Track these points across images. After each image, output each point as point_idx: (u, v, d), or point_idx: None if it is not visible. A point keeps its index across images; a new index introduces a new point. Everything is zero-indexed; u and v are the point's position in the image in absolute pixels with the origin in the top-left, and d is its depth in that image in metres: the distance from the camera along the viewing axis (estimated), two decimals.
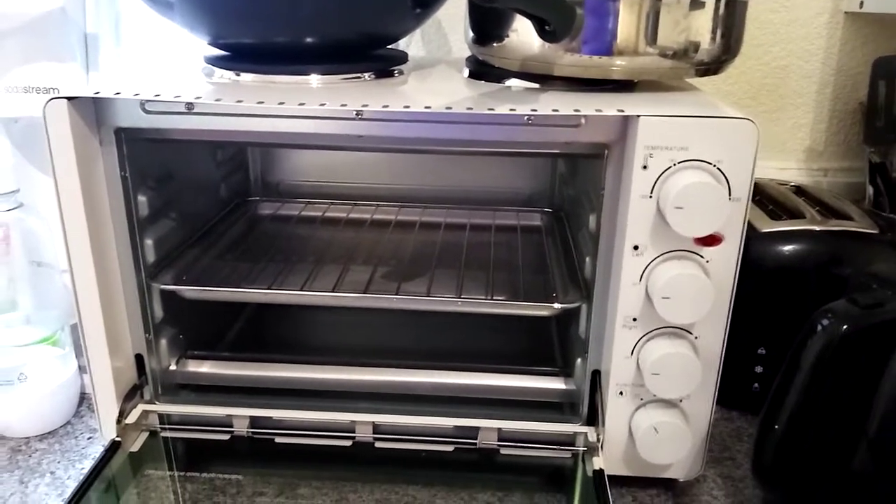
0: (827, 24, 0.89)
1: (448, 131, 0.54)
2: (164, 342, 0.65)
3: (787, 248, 0.69)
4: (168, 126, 0.56)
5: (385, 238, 0.81)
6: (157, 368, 0.64)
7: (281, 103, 0.52)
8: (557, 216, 0.86)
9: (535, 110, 0.51)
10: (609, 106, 0.52)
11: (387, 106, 0.51)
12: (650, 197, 0.51)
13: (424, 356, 0.69)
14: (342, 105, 0.51)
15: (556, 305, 0.63)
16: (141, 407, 0.63)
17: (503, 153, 0.68)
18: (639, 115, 0.50)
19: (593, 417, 0.61)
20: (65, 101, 0.52)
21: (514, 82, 0.61)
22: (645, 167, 0.51)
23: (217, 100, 0.52)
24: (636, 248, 0.53)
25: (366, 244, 0.79)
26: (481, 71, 0.64)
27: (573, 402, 0.64)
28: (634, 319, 0.55)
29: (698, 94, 0.59)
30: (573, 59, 0.56)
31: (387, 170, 0.87)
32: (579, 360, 0.63)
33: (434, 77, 0.67)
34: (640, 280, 0.54)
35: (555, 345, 0.74)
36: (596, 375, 0.60)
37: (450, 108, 0.51)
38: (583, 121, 0.53)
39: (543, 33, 0.53)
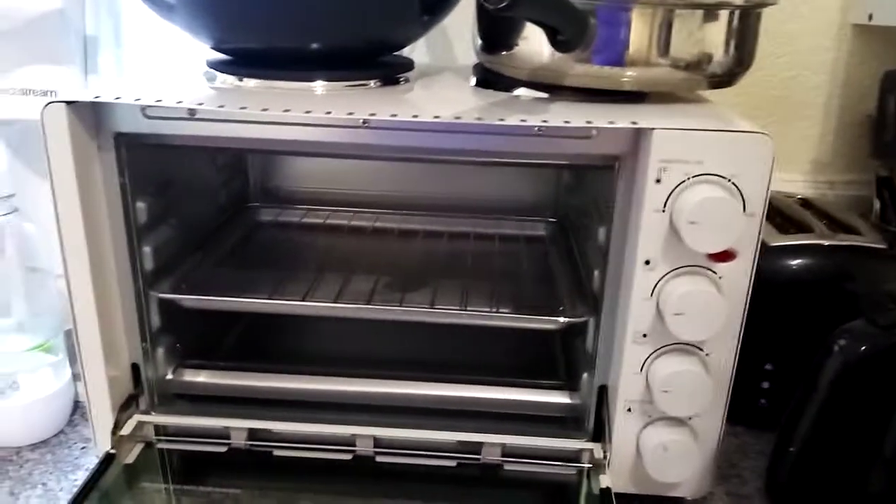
0: (835, 36, 0.88)
1: (456, 141, 0.53)
2: (160, 351, 0.64)
3: (797, 262, 0.69)
4: (169, 132, 0.54)
5: (388, 246, 0.80)
6: (153, 378, 0.63)
7: (287, 110, 0.50)
8: (561, 226, 0.85)
9: (545, 121, 0.50)
10: (621, 118, 0.51)
11: (395, 115, 0.50)
12: (663, 211, 0.50)
13: (427, 368, 0.67)
14: (349, 114, 0.50)
15: (562, 319, 0.61)
16: (136, 418, 0.62)
17: (511, 163, 0.67)
18: (652, 128, 0.49)
19: (599, 433, 0.60)
20: (63, 105, 0.50)
21: (522, 91, 0.60)
22: (658, 181, 0.50)
23: (220, 106, 0.51)
24: (648, 262, 0.52)
25: (368, 252, 0.78)
26: (489, 79, 0.63)
27: (577, 416, 0.63)
28: (644, 335, 0.54)
29: (712, 107, 0.58)
30: (584, 69, 0.55)
31: (389, 177, 0.86)
32: (585, 375, 0.61)
33: (440, 85, 0.66)
34: (652, 295, 0.53)
35: (558, 357, 0.73)
36: (603, 391, 0.59)
37: (459, 117, 0.50)
38: (594, 132, 0.52)
39: (556, 43, 0.52)
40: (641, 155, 0.51)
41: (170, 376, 0.66)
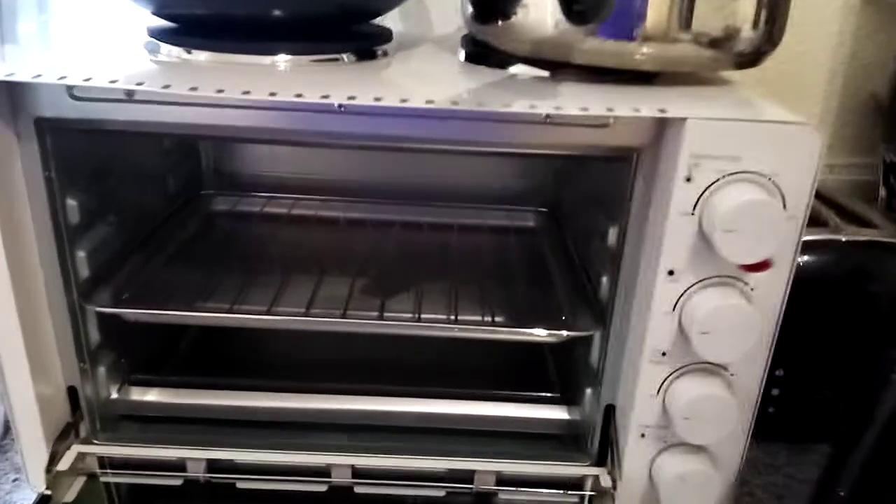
0: (841, 9, 0.82)
1: (449, 130, 0.45)
2: (102, 369, 0.55)
3: (812, 259, 0.63)
4: (102, 116, 0.45)
5: (362, 240, 0.72)
6: (94, 400, 0.55)
7: (246, 92, 0.41)
8: (553, 216, 0.78)
9: (558, 108, 0.42)
10: (641, 103, 0.43)
11: (379, 99, 0.42)
12: (692, 214, 0.43)
13: (410, 381, 0.60)
14: (323, 96, 0.42)
15: (565, 333, 0.54)
16: (76, 448, 0.54)
17: (508, 154, 0.59)
18: (685, 118, 0.42)
19: (603, 457, 0.53)
20: None
21: (519, 69, 0.52)
22: (689, 179, 0.42)
23: (165, 87, 0.42)
24: (671, 272, 0.45)
25: (340, 248, 0.70)
26: (480, 53, 0.54)
27: (577, 434, 0.57)
28: (664, 354, 0.47)
29: (740, 91, 0.51)
30: (595, 44, 0.47)
31: (362, 161, 0.77)
32: (589, 391, 0.55)
33: (423, 59, 0.57)
34: (674, 309, 0.46)
35: (549, 366, 0.66)
36: (610, 411, 0.53)
37: (456, 103, 0.42)
38: (611, 121, 0.44)
39: (570, 14, 0.44)
40: (665, 147, 0.44)
41: (114, 396, 0.58)
